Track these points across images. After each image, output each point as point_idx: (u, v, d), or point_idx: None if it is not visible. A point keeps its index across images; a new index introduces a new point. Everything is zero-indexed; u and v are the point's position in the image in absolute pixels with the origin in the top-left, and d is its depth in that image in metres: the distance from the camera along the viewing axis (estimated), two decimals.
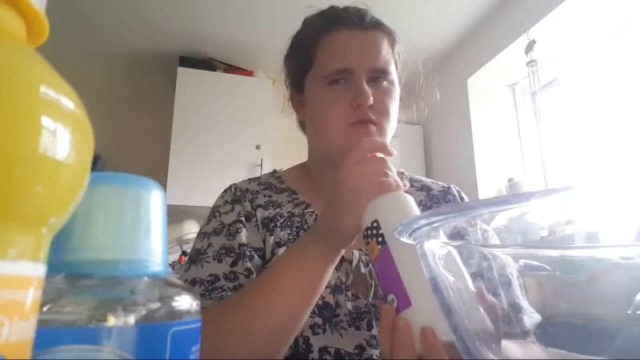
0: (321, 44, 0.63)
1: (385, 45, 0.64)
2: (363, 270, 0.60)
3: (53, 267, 0.15)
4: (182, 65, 2.50)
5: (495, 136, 2.39)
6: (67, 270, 0.17)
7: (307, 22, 0.69)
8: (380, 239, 0.40)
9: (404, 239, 0.29)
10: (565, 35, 1.98)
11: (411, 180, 0.75)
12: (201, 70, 2.51)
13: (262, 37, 2.42)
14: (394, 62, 0.65)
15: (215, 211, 0.66)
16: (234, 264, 0.58)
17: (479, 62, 2.36)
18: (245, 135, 2.44)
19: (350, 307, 0.57)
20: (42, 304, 0.15)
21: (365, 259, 0.61)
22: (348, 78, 0.61)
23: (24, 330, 0.12)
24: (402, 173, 0.76)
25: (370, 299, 0.58)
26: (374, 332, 0.56)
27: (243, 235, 0.61)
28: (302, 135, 0.77)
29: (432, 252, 0.28)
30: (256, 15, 2.27)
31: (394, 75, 0.64)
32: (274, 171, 0.76)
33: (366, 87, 0.60)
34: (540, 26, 1.96)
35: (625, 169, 1.67)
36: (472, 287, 0.27)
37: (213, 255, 0.59)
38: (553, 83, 2.14)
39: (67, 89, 0.13)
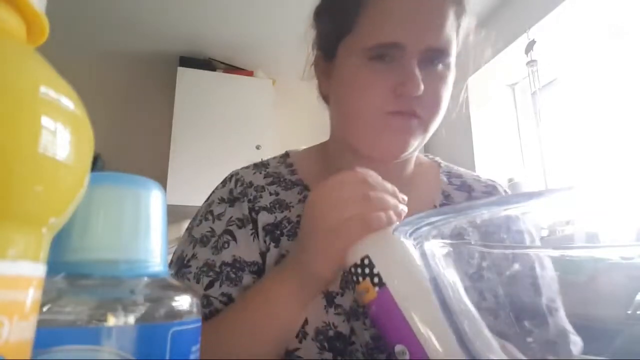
0: (366, 5, 0.49)
1: (451, 18, 0.49)
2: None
3: (53, 267, 0.15)
4: (182, 65, 2.50)
5: (495, 136, 2.39)
6: (67, 270, 0.17)
7: None
8: (376, 280, 0.34)
9: (404, 239, 0.29)
10: (565, 35, 1.98)
11: (449, 175, 0.64)
12: (201, 70, 2.51)
13: (262, 37, 2.42)
14: (457, 40, 0.51)
15: (208, 210, 0.57)
16: (209, 285, 0.50)
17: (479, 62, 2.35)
18: (245, 135, 2.44)
19: (367, 338, 0.48)
20: (42, 304, 0.15)
21: None
22: (396, 55, 0.48)
23: (24, 331, 0.12)
24: (439, 164, 0.66)
25: None
26: None
27: (229, 252, 0.53)
28: (302, 135, 0.74)
29: (432, 252, 0.28)
30: (256, 15, 2.27)
31: (453, 57, 0.51)
32: (286, 154, 0.64)
33: (417, 71, 0.47)
34: (540, 26, 1.96)
35: (625, 168, 1.67)
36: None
37: (195, 273, 0.52)
38: (553, 83, 2.14)
39: (67, 89, 0.13)
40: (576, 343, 0.25)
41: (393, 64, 0.49)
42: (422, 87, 0.47)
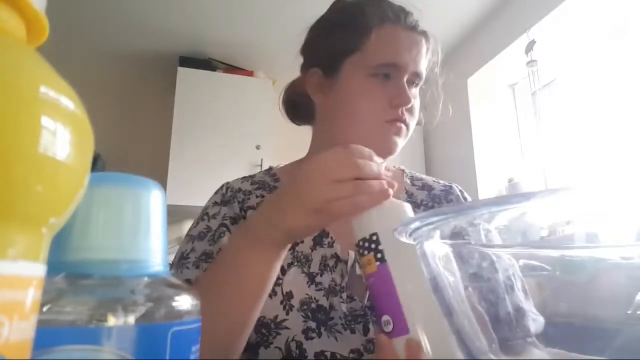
0: (377, 31, 0.61)
1: (426, 53, 0.65)
2: (359, 271, 0.58)
3: (53, 267, 0.15)
4: (182, 65, 2.50)
5: (495, 136, 2.39)
6: (67, 270, 0.17)
7: (359, 3, 0.65)
8: (379, 256, 0.37)
9: (404, 239, 0.29)
10: (565, 35, 1.98)
11: (412, 179, 0.73)
12: (201, 70, 2.51)
13: (262, 37, 2.43)
14: (427, 63, 0.66)
15: (204, 213, 0.64)
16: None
17: (479, 62, 2.36)
18: (245, 135, 2.44)
19: (345, 310, 0.55)
20: (42, 304, 0.15)
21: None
22: (392, 74, 0.60)
23: (24, 330, 0.12)
24: (403, 171, 0.75)
25: (366, 301, 0.57)
26: (371, 335, 0.54)
27: (225, 240, 0.59)
28: (302, 135, 0.75)
29: (432, 252, 0.28)
30: (256, 15, 2.27)
31: (422, 82, 0.65)
32: (270, 168, 0.73)
33: (407, 88, 0.60)
34: (540, 26, 1.96)
35: (625, 168, 1.67)
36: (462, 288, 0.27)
37: (193, 262, 0.57)
38: (553, 83, 2.14)
39: (67, 89, 0.13)
40: (536, 320, 0.26)
41: (388, 81, 0.61)
42: (412, 100, 0.60)
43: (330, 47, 0.65)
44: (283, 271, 0.57)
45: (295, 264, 0.58)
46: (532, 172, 2.28)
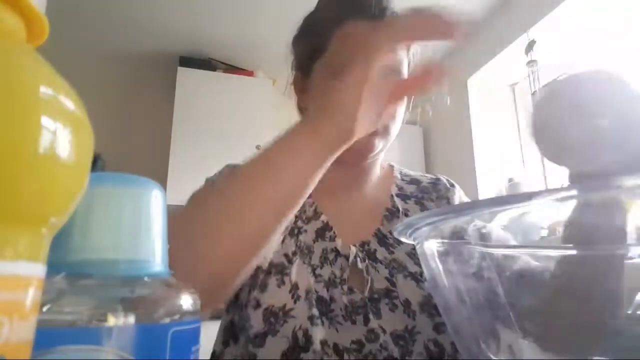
0: (339, 30, 0.60)
1: None
2: (360, 265, 0.58)
3: (53, 267, 0.15)
4: (182, 65, 2.50)
5: (495, 136, 2.39)
6: (67, 270, 0.17)
7: (321, 4, 0.66)
8: None
9: (404, 239, 0.29)
10: (565, 35, 1.98)
11: (401, 174, 0.75)
12: (201, 70, 2.51)
13: (262, 37, 2.42)
14: (408, 61, 0.64)
15: (207, 180, 0.66)
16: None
17: (479, 62, 2.36)
18: (245, 135, 2.44)
19: (345, 301, 0.56)
20: (42, 304, 0.15)
21: (363, 254, 0.60)
22: None
23: (24, 331, 0.12)
24: (392, 167, 0.76)
25: (366, 294, 0.57)
26: (372, 325, 0.55)
27: None
28: None
29: (432, 252, 0.28)
30: (256, 15, 2.27)
31: (405, 75, 0.62)
32: None
33: None
34: (540, 26, 1.96)
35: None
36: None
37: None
38: None
39: (67, 89, 0.13)
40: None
41: None
42: None
43: (300, 52, 0.67)
44: (290, 262, 0.58)
45: (298, 254, 0.59)
46: (532, 172, 2.28)
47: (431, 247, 0.28)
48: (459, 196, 0.72)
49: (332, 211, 0.64)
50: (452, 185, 0.73)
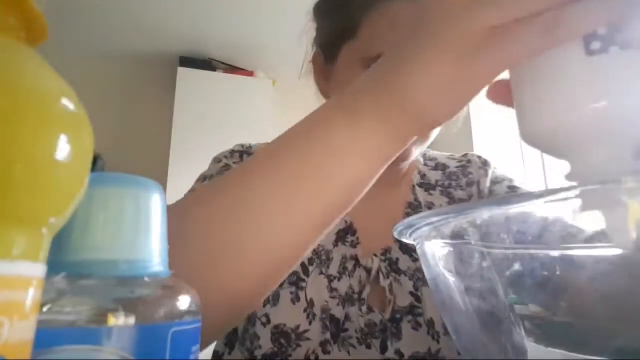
0: (370, 14, 0.49)
1: None
2: (382, 282, 0.50)
3: (53, 267, 0.15)
4: (182, 65, 2.50)
5: (495, 136, 2.39)
6: (67, 270, 0.17)
7: None
8: None
9: (404, 239, 0.29)
10: None
11: (425, 158, 0.67)
12: (201, 70, 2.51)
13: (262, 37, 2.42)
14: None
15: (217, 158, 0.59)
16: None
17: None
18: (245, 135, 2.43)
19: (362, 324, 0.48)
20: (42, 304, 0.15)
21: (386, 267, 0.51)
22: None
23: (23, 331, 0.12)
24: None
25: (387, 316, 0.49)
26: (389, 355, 0.47)
27: None
28: None
29: (432, 252, 0.28)
30: (256, 15, 2.27)
31: None
32: None
33: None
34: None
35: None
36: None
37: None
38: None
39: (67, 89, 0.13)
40: None
41: None
42: None
43: (326, 30, 0.56)
44: (306, 272, 0.51)
45: (316, 262, 0.52)
46: (532, 172, 2.28)
47: (431, 247, 0.28)
48: (492, 175, 0.63)
49: (354, 210, 0.56)
50: (485, 163, 0.64)
